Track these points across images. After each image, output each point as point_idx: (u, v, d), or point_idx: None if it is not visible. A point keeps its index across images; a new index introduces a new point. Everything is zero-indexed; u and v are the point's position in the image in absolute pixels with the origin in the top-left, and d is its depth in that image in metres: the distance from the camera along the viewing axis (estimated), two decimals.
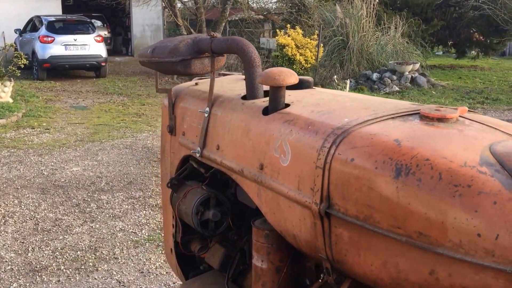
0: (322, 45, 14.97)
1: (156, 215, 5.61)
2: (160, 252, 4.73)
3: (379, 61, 15.57)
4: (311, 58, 14.47)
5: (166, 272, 4.38)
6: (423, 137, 1.28)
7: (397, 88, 14.36)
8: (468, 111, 1.45)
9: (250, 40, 21.14)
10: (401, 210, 1.19)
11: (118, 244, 4.90)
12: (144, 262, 4.57)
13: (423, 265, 1.18)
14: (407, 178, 1.19)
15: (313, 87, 2.02)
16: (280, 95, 1.70)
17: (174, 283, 4.20)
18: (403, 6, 19.88)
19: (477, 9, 18.79)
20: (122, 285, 4.19)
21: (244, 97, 1.93)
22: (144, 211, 5.73)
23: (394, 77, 14.90)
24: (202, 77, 2.44)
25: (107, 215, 5.61)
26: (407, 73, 14.99)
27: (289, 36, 13.81)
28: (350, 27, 15.39)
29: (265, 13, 20.58)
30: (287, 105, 1.70)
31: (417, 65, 15.34)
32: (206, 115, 1.98)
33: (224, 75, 2.49)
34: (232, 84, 2.06)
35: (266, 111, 1.73)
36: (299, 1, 18.94)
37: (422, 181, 1.17)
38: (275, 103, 1.70)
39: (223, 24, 18.51)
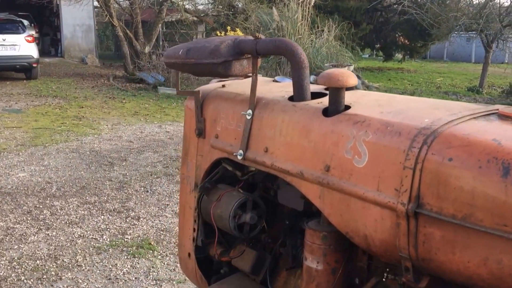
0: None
1: (115, 220, 5.43)
2: (126, 257, 4.59)
3: (315, 64, 15.88)
4: None
5: (135, 278, 4.26)
6: None
7: None
8: None
9: (185, 41, 20.94)
10: (509, 208, 1.22)
11: (80, 251, 4.70)
12: (110, 268, 4.41)
13: None
14: None
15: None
16: (342, 96, 1.69)
17: None
18: (334, 10, 20.43)
19: (405, 13, 19.60)
20: None
21: (290, 99, 1.91)
22: (102, 216, 5.53)
23: None
24: (222, 79, 2.38)
25: (62, 222, 5.36)
26: None
27: None
28: (287, 30, 15.61)
29: (202, 15, 20.44)
30: (347, 107, 1.71)
31: (352, 67, 15.78)
32: (248, 117, 1.94)
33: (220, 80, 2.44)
34: (263, 86, 2.03)
35: (325, 113, 1.73)
36: (233, 3, 18.98)
37: None
38: (337, 104, 1.70)
39: (160, 25, 18.20)
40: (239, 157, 1.97)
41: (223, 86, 2.27)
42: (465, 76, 21.53)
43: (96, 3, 19.80)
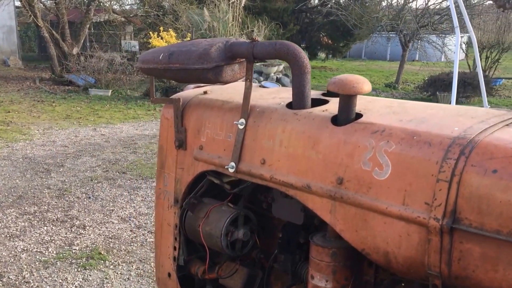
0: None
1: (59, 231, 5.09)
2: (76, 270, 4.30)
3: None
4: None
5: None
6: None
7: None
8: None
9: (113, 43, 20.27)
10: None
11: (25, 266, 4.35)
12: (60, 283, 4.11)
13: None
14: None
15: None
16: (354, 103, 1.57)
17: None
18: (262, 10, 20.52)
19: (330, 15, 20.04)
20: None
21: (288, 106, 1.76)
22: (45, 227, 5.17)
23: (261, 78, 15.30)
24: (200, 85, 2.19)
25: (2, 235, 4.95)
26: (272, 74, 15.49)
27: (162, 38, 13.45)
28: (218, 31, 15.47)
29: (131, 15, 19.82)
30: (358, 115, 1.58)
31: (281, 67, 15.93)
32: (241, 126, 1.78)
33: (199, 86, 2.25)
34: (252, 93, 1.84)
35: (334, 121, 1.59)
36: (161, 3, 18.57)
37: None
38: (349, 113, 1.56)
39: (87, 25, 17.46)
40: (231, 170, 1.79)
41: (205, 92, 2.08)
42: (382, 73, 22.31)
43: (17, 3, 18.68)
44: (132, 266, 4.40)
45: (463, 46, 18.15)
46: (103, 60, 14.87)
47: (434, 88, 15.41)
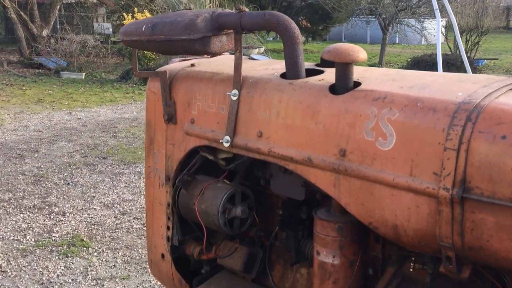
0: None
1: (37, 218, 4.86)
2: (57, 258, 4.09)
3: None
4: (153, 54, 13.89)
5: (72, 279, 3.80)
6: None
7: None
8: None
9: (85, 25, 19.73)
10: None
11: (1, 255, 4.13)
12: (40, 271, 3.90)
13: None
14: None
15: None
16: (351, 71, 1.54)
17: None
18: None
19: None
20: None
21: (282, 77, 1.71)
22: (22, 214, 4.93)
23: None
24: (186, 58, 2.13)
25: None
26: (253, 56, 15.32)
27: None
28: None
29: None
30: (357, 83, 1.54)
31: (262, 49, 15.76)
32: (234, 98, 1.73)
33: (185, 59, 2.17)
34: (243, 65, 1.79)
35: (332, 90, 1.55)
36: None
37: None
38: (347, 81, 1.53)
39: (57, 7, 16.92)
40: (226, 144, 1.74)
41: (192, 65, 2.02)
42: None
43: None
44: (118, 253, 4.21)
45: (443, 29, 18.29)
46: (75, 42, 14.45)
47: (418, 69, 15.45)
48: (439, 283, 1.48)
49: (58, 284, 3.75)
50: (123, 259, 4.11)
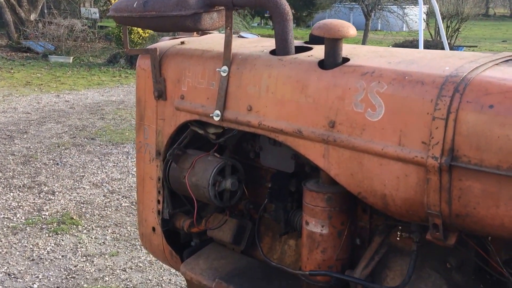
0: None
1: (27, 196, 4.81)
2: (47, 235, 4.06)
3: None
4: (138, 38, 13.73)
5: (62, 256, 3.77)
6: None
7: None
8: None
9: (72, 10, 19.39)
10: None
11: None
12: (31, 248, 3.87)
13: None
14: None
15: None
16: (340, 47, 1.55)
17: (75, 266, 3.63)
18: None
19: None
20: (14, 277, 3.49)
21: (272, 53, 1.71)
22: (11, 193, 4.87)
23: None
24: (176, 37, 2.12)
25: None
26: None
27: None
28: None
29: None
30: (345, 59, 1.55)
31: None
32: (224, 74, 1.72)
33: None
34: (233, 42, 1.78)
35: (321, 66, 1.56)
36: None
37: None
38: (335, 56, 1.54)
39: None
40: (216, 118, 1.75)
41: (182, 43, 2.01)
42: (346, 41, 22.26)
43: None
44: (107, 230, 4.19)
45: (424, 16, 18.31)
46: (62, 26, 14.22)
47: None
48: (424, 252, 1.49)
49: (49, 260, 3.72)
50: (112, 236, 4.09)
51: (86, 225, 4.27)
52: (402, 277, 1.50)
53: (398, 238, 1.57)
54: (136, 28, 13.48)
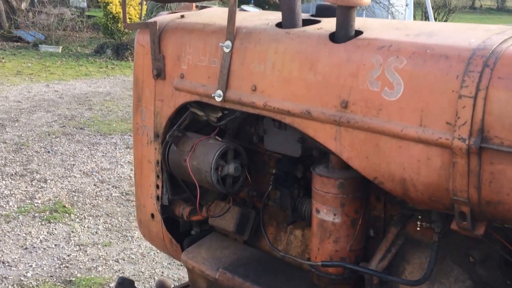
0: (145, 2, 14.11)
1: (19, 184, 4.77)
2: (40, 223, 4.04)
3: None
4: (135, 16, 13.57)
5: (55, 245, 3.76)
6: None
7: None
8: None
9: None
10: None
11: None
12: (24, 237, 3.85)
13: None
14: None
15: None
16: (353, 17, 1.39)
17: (68, 255, 3.63)
18: None
19: None
20: (8, 265, 3.47)
21: (278, 26, 1.56)
22: (4, 181, 4.83)
23: None
24: (175, 11, 1.97)
25: None
26: None
27: None
28: None
29: None
30: (358, 32, 1.40)
31: None
32: (227, 50, 1.57)
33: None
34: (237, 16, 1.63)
35: (332, 39, 1.41)
36: None
37: None
38: (348, 28, 1.38)
39: None
40: (218, 99, 1.60)
41: (182, 16, 1.87)
42: None
43: None
44: (99, 220, 4.18)
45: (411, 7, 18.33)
46: (52, 15, 13.99)
47: None
48: (444, 244, 1.36)
49: (42, 249, 3.70)
50: (104, 226, 4.08)
51: (78, 214, 4.25)
52: (421, 271, 1.37)
53: (418, 228, 1.42)
54: (121, 16, 13.29)
